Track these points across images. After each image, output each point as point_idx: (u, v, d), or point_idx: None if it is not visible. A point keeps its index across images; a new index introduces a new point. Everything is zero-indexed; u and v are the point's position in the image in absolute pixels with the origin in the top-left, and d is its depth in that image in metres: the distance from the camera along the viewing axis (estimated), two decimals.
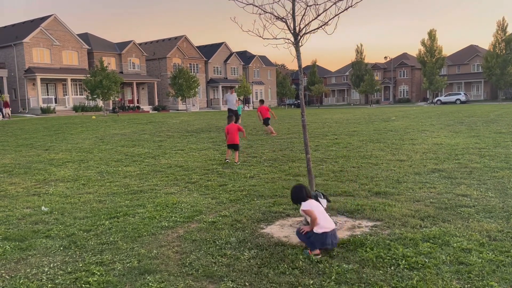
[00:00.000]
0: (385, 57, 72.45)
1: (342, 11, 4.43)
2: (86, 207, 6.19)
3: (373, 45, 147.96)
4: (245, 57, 70.91)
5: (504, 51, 55.44)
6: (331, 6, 4.54)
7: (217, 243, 4.43)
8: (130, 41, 52.27)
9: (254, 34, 5.06)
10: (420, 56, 62.46)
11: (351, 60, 73.36)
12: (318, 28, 4.65)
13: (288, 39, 4.90)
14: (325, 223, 4.09)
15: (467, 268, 3.57)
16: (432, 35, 61.45)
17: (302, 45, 4.95)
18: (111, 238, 4.72)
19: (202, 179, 7.90)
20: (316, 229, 4.03)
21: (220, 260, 3.98)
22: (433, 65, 60.57)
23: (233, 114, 18.01)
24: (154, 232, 4.90)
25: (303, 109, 4.91)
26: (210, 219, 5.28)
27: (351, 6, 4.43)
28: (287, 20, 4.74)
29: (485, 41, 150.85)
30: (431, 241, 4.22)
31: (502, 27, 56.06)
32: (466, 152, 9.66)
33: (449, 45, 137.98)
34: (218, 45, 65.98)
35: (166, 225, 5.15)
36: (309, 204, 4.20)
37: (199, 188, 7.17)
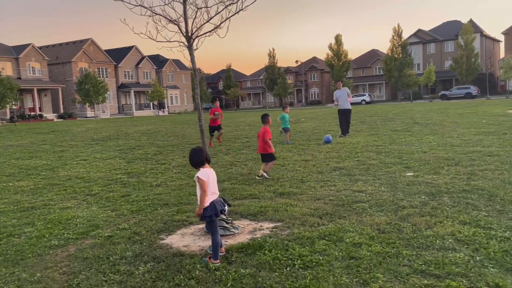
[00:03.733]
0: (296, 61, 75.37)
1: (233, 15, 4.42)
2: None
3: (285, 49, 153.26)
4: (158, 61, 69.26)
5: (400, 55, 60.62)
6: (223, 9, 4.51)
7: (111, 259, 4.15)
8: (28, 44, 48.31)
9: (146, 36, 4.87)
10: (328, 60, 65.95)
11: (265, 64, 75.21)
12: (211, 31, 4.59)
13: (181, 42, 4.78)
14: (212, 194, 3.97)
15: (356, 262, 3.72)
16: (338, 39, 65.24)
17: (197, 49, 4.86)
18: None
19: (104, 191, 7.45)
20: (206, 203, 3.91)
21: (112, 278, 3.72)
22: (340, 68, 64.34)
23: (344, 117, 14.16)
24: (40, 253, 4.46)
25: (200, 114, 4.82)
26: (106, 234, 4.95)
27: (242, 10, 4.43)
28: (179, 23, 4.61)
29: (384, 46, 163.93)
30: (326, 238, 4.35)
31: (398, 33, 61.27)
32: (366, 150, 10.29)
33: (354, 49, 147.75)
34: (128, 49, 63.66)
35: (56, 243, 4.73)
36: (206, 175, 3.93)
37: (99, 201, 6.73)
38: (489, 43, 71.85)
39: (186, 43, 4.69)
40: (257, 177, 7.70)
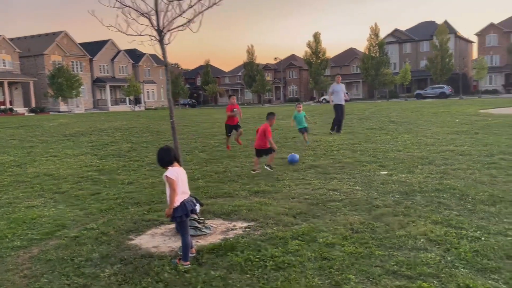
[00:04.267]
0: (275, 58, 75.47)
1: (206, 9, 4.29)
2: None
3: (264, 46, 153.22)
4: (135, 55, 68.08)
5: (377, 54, 61.40)
6: (196, 3, 4.37)
7: (76, 261, 3.97)
8: None
9: (116, 29, 4.68)
10: (306, 58, 66.23)
11: (243, 60, 74.90)
12: (183, 25, 4.46)
13: (153, 36, 4.62)
14: (182, 194, 3.83)
15: (329, 263, 3.67)
16: (317, 37, 65.57)
17: (169, 43, 4.71)
18: None
19: (73, 188, 7.20)
20: (176, 202, 3.77)
21: (75, 281, 3.55)
22: (318, 66, 64.75)
23: (340, 112, 13.86)
24: (1, 255, 4.25)
25: (171, 110, 4.68)
26: (72, 234, 4.75)
27: (216, 4, 4.31)
28: (150, 17, 4.45)
29: (362, 45, 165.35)
30: (300, 238, 4.29)
31: (375, 32, 62.01)
32: (341, 148, 10.30)
33: (332, 48, 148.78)
34: (103, 42, 62.34)
35: (19, 244, 4.52)
36: (175, 174, 3.79)
37: (67, 199, 6.50)
38: (462, 44, 73.58)
39: (158, 37, 4.53)
40: (268, 168, 7.91)
